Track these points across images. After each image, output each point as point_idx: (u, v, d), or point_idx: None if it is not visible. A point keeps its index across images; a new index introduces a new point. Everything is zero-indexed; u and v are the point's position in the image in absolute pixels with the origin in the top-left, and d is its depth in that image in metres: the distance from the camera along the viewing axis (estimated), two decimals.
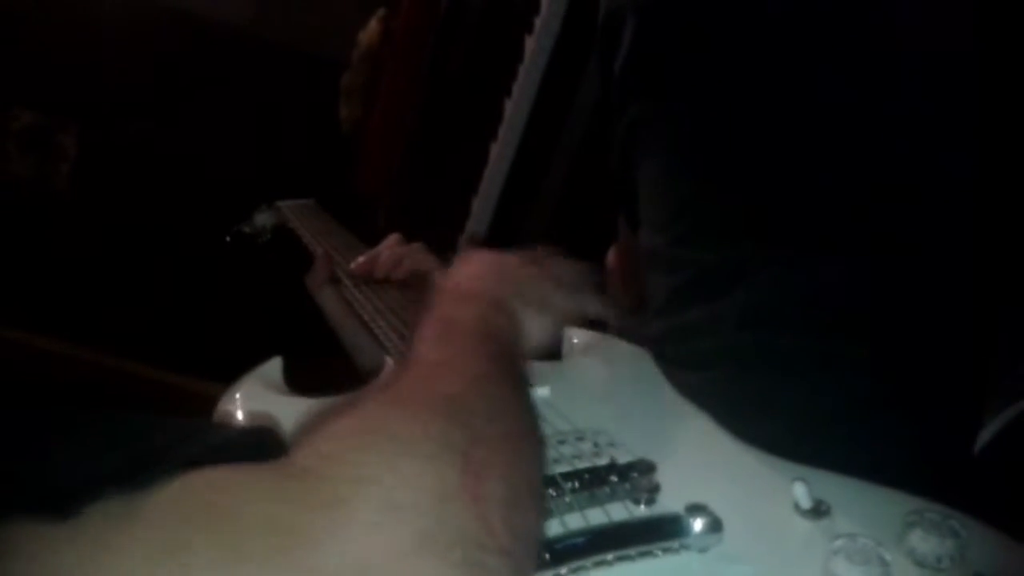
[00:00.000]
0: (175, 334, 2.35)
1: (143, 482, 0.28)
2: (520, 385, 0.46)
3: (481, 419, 0.36)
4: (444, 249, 0.86)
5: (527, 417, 0.42)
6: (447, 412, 0.36)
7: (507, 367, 0.46)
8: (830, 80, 0.62)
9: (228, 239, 1.11)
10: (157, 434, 0.31)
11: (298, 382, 0.59)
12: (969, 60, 0.60)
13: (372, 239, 0.90)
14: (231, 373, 0.59)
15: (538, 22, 1.49)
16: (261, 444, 0.34)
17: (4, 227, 2.29)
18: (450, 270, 0.61)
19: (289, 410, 0.53)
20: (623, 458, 0.50)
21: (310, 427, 0.34)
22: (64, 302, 2.32)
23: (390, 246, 0.78)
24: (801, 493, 0.48)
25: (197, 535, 0.27)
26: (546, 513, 0.44)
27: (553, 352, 0.67)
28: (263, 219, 1.12)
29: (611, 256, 1.04)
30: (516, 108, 1.56)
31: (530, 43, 1.51)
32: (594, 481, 0.47)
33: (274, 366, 0.60)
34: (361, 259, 0.79)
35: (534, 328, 0.59)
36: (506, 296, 0.56)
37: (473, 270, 0.59)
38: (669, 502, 0.47)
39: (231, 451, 0.31)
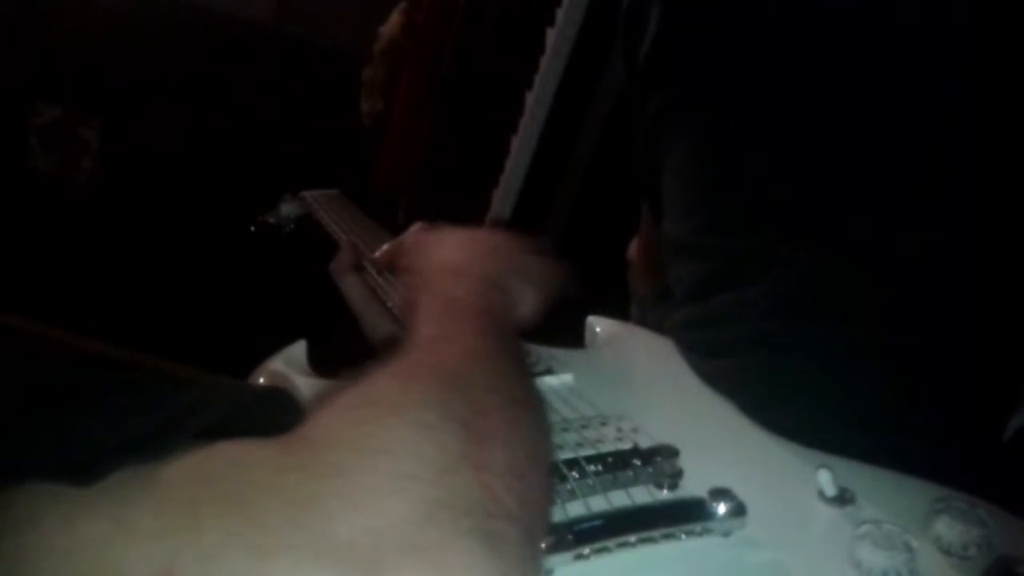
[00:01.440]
0: (198, 328, 2.37)
1: (161, 451, 0.28)
2: (517, 356, 0.46)
3: (479, 390, 0.36)
4: None
5: (525, 387, 0.42)
6: (446, 383, 0.36)
7: (503, 339, 0.46)
8: (855, 70, 0.62)
9: (253, 229, 1.12)
10: (177, 398, 0.31)
11: (321, 366, 0.60)
12: (970, 54, 0.60)
13: (392, 232, 0.91)
14: (252, 366, 0.59)
15: (560, 14, 1.48)
16: (279, 405, 0.34)
17: (27, 222, 2.32)
18: (428, 245, 0.60)
19: (313, 392, 0.54)
20: (646, 443, 0.50)
21: (317, 402, 0.34)
22: (86, 297, 2.35)
23: (414, 234, 0.79)
24: (826, 480, 0.48)
25: (209, 508, 0.27)
26: (553, 480, 0.44)
27: (576, 340, 0.68)
28: (288, 209, 1.12)
29: (632, 248, 1.04)
30: (537, 101, 1.56)
31: (551, 35, 1.51)
32: (617, 464, 0.47)
33: (299, 349, 0.61)
34: (386, 247, 0.80)
35: (525, 300, 0.58)
36: (495, 270, 0.56)
37: (457, 246, 0.59)
38: (692, 487, 0.47)
39: (248, 415, 0.32)
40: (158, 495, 0.27)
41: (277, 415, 0.33)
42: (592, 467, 0.47)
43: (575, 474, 0.46)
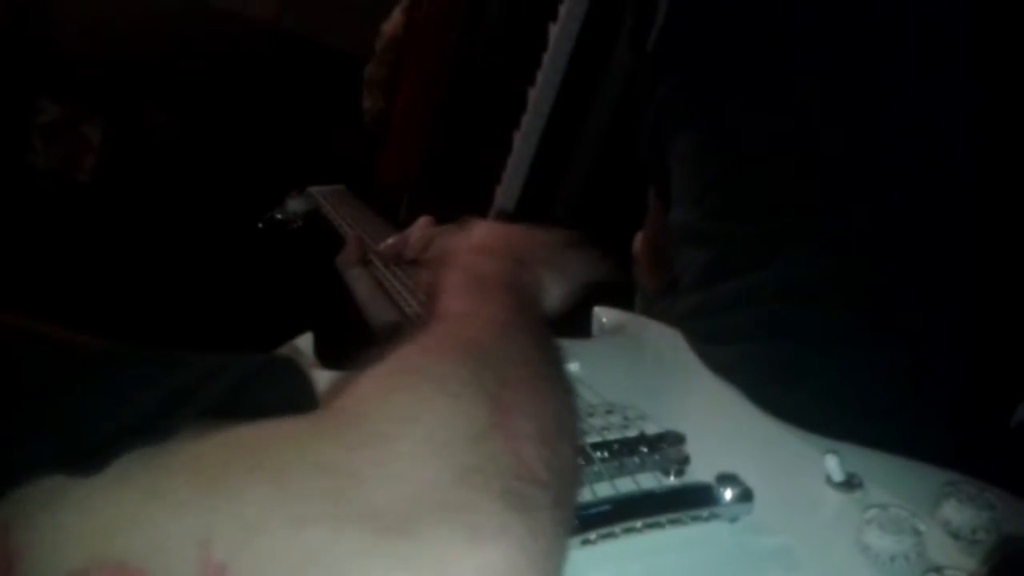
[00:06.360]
0: (203, 325, 2.37)
1: (168, 430, 0.28)
2: (545, 337, 0.46)
3: (507, 363, 0.36)
4: None
5: (551, 361, 0.43)
6: (474, 355, 0.36)
7: (530, 319, 0.46)
8: (860, 58, 0.62)
9: (260, 225, 1.12)
10: (177, 374, 0.30)
11: (328, 357, 0.60)
12: (968, 43, 0.60)
13: (397, 226, 0.91)
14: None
15: (563, 10, 1.49)
16: (284, 373, 0.33)
17: (30, 219, 2.32)
18: (460, 233, 0.61)
19: (320, 382, 0.54)
20: (652, 430, 0.50)
21: (345, 379, 0.34)
22: (89, 294, 2.35)
23: (421, 227, 0.79)
24: (833, 466, 0.48)
25: (245, 479, 0.27)
26: (580, 455, 0.44)
27: (582, 330, 0.68)
28: (295, 205, 1.12)
29: (637, 241, 1.04)
30: (540, 97, 1.56)
31: (554, 31, 1.51)
32: (623, 451, 0.47)
33: (306, 341, 0.61)
34: (391, 240, 0.80)
35: (553, 287, 0.59)
36: (523, 252, 0.56)
37: (488, 231, 0.59)
38: (699, 474, 0.47)
39: (254, 388, 0.31)
40: (191, 468, 0.27)
41: (284, 384, 0.32)
42: (598, 454, 0.47)
43: (581, 461, 0.46)
